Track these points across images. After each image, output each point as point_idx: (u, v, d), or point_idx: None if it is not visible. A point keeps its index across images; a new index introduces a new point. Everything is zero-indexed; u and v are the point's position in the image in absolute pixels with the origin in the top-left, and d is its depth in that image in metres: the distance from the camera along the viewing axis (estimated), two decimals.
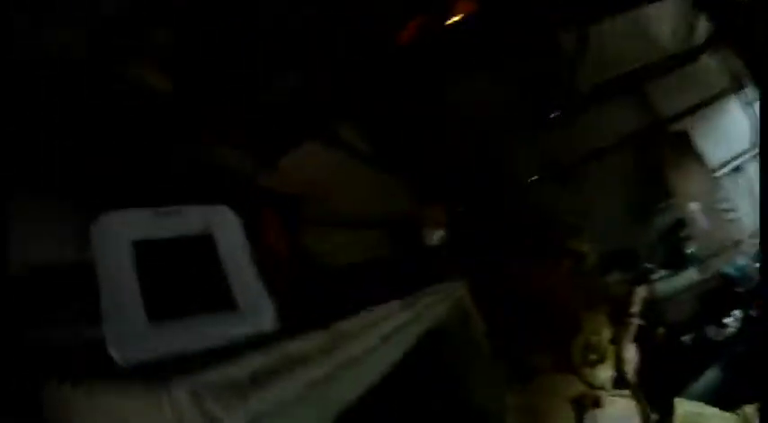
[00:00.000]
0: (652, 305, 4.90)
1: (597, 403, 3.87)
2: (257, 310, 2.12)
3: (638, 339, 4.52)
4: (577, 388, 4.12)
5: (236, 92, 3.54)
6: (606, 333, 4.53)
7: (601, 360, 4.38)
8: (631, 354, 4.43)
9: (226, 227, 2.37)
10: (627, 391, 4.17)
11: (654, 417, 4.01)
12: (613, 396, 4.07)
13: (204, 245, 2.20)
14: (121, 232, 2.05)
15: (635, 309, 4.61)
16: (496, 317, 3.69)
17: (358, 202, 7.15)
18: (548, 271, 5.24)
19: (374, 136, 9.35)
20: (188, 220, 2.25)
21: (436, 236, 8.05)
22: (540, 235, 7.98)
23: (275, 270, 3.79)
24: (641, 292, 4.70)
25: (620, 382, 4.32)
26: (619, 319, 4.53)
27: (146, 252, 2.04)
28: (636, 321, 4.55)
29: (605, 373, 4.34)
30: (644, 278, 5.20)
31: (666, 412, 4.01)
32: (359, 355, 2.32)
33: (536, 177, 9.57)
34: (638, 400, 4.03)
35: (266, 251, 3.95)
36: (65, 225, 2.83)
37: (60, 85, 2.76)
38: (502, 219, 9.42)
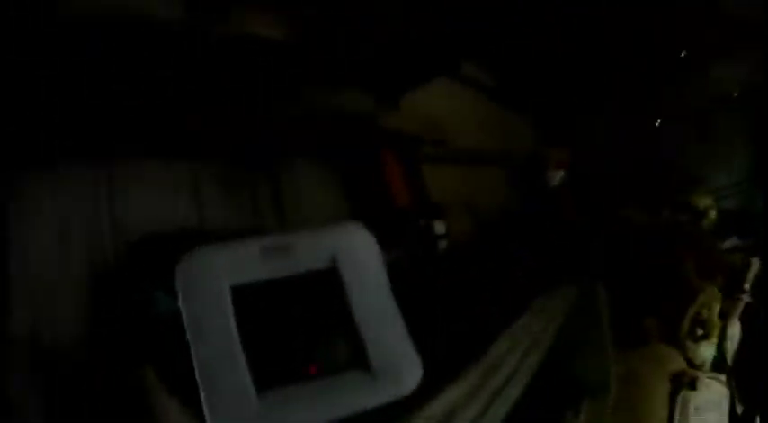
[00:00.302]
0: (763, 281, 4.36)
1: (693, 385, 3.65)
2: (398, 369, 1.70)
3: (743, 319, 4.12)
4: (678, 363, 3.92)
5: (355, 33, 3.45)
6: (716, 307, 4.14)
7: (706, 336, 4.06)
8: (736, 334, 4.07)
9: (356, 255, 1.85)
10: (723, 376, 3.88)
11: (741, 407, 3.73)
12: (710, 378, 3.80)
13: (326, 284, 1.76)
14: (217, 275, 1.70)
15: (748, 283, 4.15)
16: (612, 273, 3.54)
17: (481, 140, 7.04)
18: (665, 227, 4.86)
19: (499, 73, 9.08)
20: (305, 251, 1.79)
21: (558, 177, 7.82)
22: (659, 184, 7.49)
23: (396, 215, 3.90)
24: (756, 265, 4.19)
25: (719, 363, 4.02)
26: (731, 292, 4.12)
27: (249, 299, 1.68)
28: (746, 298, 4.11)
29: (708, 350, 4.05)
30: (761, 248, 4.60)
31: (755, 404, 3.71)
32: (507, 378, 2.14)
33: (659, 121, 9.02)
34: (730, 388, 3.75)
35: (387, 194, 4.05)
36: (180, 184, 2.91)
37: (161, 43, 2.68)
38: (621, 164, 8.96)
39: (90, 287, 2.65)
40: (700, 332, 4.04)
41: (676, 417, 3.52)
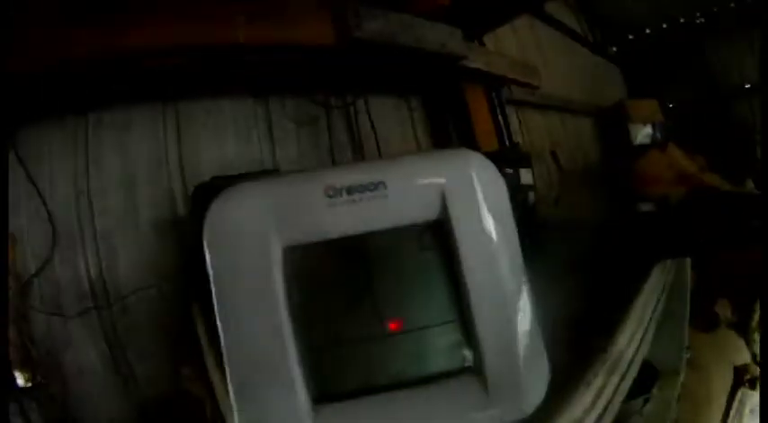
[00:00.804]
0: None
1: (753, 384, 3.33)
2: (520, 380, 1.15)
3: None
4: (743, 355, 3.60)
5: None
6: None
7: None
8: None
9: (478, 204, 1.16)
10: None
11: None
12: None
13: (427, 245, 1.16)
14: (263, 229, 1.14)
15: None
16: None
17: (570, 86, 6.66)
18: (748, 199, 4.38)
19: (590, 16, 8.58)
20: (399, 194, 1.16)
21: (644, 133, 7.33)
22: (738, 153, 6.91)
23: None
24: None
25: None
26: None
27: (305, 263, 1.12)
28: None
29: None
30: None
31: None
32: (624, 373, 1.80)
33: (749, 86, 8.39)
34: None
35: (471, 135, 3.80)
36: None
37: None
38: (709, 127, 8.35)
39: (156, 231, 2.61)
40: None
41: (732, 413, 3.32)
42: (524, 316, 1.14)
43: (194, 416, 2.08)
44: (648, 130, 7.44)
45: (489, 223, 1.14)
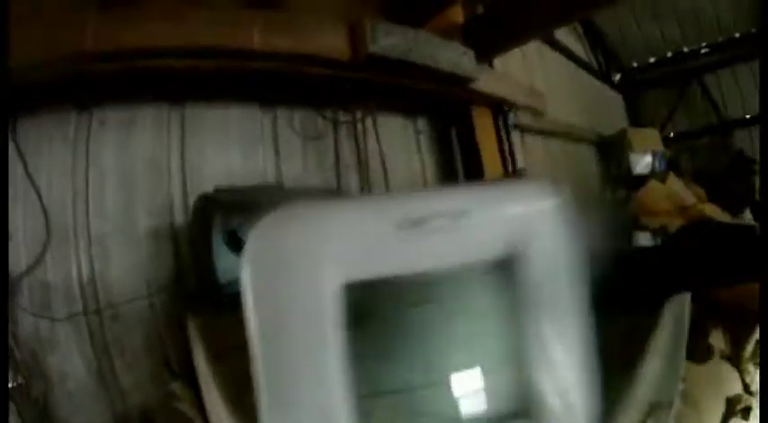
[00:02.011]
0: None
1: (747, 414, 3.29)
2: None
3: None
4: (736, 386, 3.57)
5: None
6: None
7: None
8: None
9: (548, 243, 1.08)
10: None
11: None
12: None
13: (500, 285, 1.05)
14: (319, 259, 0.94)
15: None
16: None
17: (574, 113, 6.65)
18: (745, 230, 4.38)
19: (596, 44, 8.63)
20: (476, 229, 1.02)
21: (644, 162, 7.32)
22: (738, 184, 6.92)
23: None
24: None
25: None
26: None
27: (378, 311, 0.98)
28: None
29: None
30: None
31: None
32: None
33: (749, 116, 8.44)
34: None
35: (477, 159, 3.78)
36: None
37: None
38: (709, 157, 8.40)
39: (152, 237, 2.54)
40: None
41: None
42: (583, 365, 1.08)
43: None
44: (648, 159, 7.44)
45: (564, 266, 1.06)
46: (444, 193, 1.15)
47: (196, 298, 2.07)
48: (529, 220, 1.04)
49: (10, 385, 2.04)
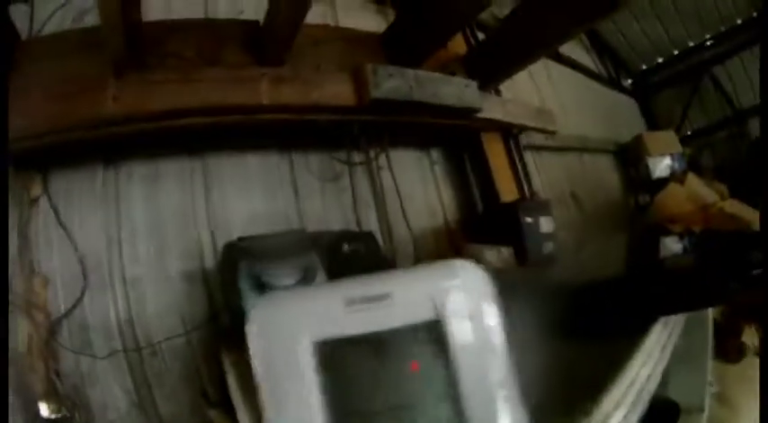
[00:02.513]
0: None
1: None
2: None
3: None
4: None
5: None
6: None
7: None
8: None
9: (465, 305, 1.48)
10: None
11: None
12: None
13: (429, 342, 1.43)
14: (296, 327, 1.42)
15: None
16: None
17: (589, 124, 6.68)
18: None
19: (603, 52, 8.65)
20: (401, 301, 1.46)
21: (662, 165, 7.28)
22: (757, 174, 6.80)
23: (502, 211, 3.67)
24: None
25: None
26: None
27: (337, 359, 1.39)
28: None
29: None
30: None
31: None
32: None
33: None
34: None
35: (491, 186, 3.84)
36: None
37: None
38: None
39: (184, 280, 2.69)
40: None
41: None
42: (509, 394, 1.45)
43: None
44: (667, 161, 7.39)
45: (476, 320, 1.46)
46: (378, 278, 1.58)
47: (229, 334, 2.22)
48: (443, 291, 1.47)
49: (54, 416, 2.23)
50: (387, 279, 1.57)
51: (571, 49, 7.09)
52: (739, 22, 8.36)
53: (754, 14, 8.12)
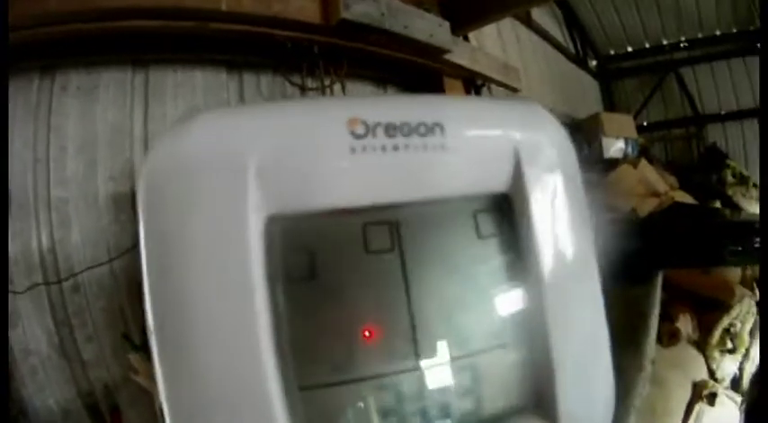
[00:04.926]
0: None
1: (712, 400, 3.38)
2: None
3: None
4: (701, 372, 3.66)
5: None
6: (749, 322, 3.97)
7: (733, 351, 3.90)
8: (758, 356, 3.81)
9: (550, 177, 0.90)
10: (738, 398, 3.68)
11: None
12: (728, 397, 3.62)
13: (490, 233, 0.85)
14: (237, 180, 0.70)
15: None
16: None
17: (547, 95, 6.62)
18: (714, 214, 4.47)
19: (574, 29, 8.59)
20: (465, 146, 0.82)
21: (616, 147, 7.34)
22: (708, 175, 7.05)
23: None
24: None
25: (737, 382, 3.87)
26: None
27: (307, 252, 0.74)
28: None
29: (732, 366, 3.90)
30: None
31: None
32: None
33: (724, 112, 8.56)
34: (741, 412, 3.51)
35: None
36: None
37: None
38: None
39: (113, 204, 2.52)
40: (729, 346, 3.90)
41: None
42: (601, 337, 0.83)
43: (142, 405, 1.98)
44: (621, 144, 7.46)
45: (567, 204, 0.81)
46: (420, 99, 0.78)
47: None
48: (527, 146, 0.76)
49: None
50: (439, 104, 0.84)
51: (541, 17, 7.00)
52: (718, 33, 8.48)
53: (734, 30, 8.25)
